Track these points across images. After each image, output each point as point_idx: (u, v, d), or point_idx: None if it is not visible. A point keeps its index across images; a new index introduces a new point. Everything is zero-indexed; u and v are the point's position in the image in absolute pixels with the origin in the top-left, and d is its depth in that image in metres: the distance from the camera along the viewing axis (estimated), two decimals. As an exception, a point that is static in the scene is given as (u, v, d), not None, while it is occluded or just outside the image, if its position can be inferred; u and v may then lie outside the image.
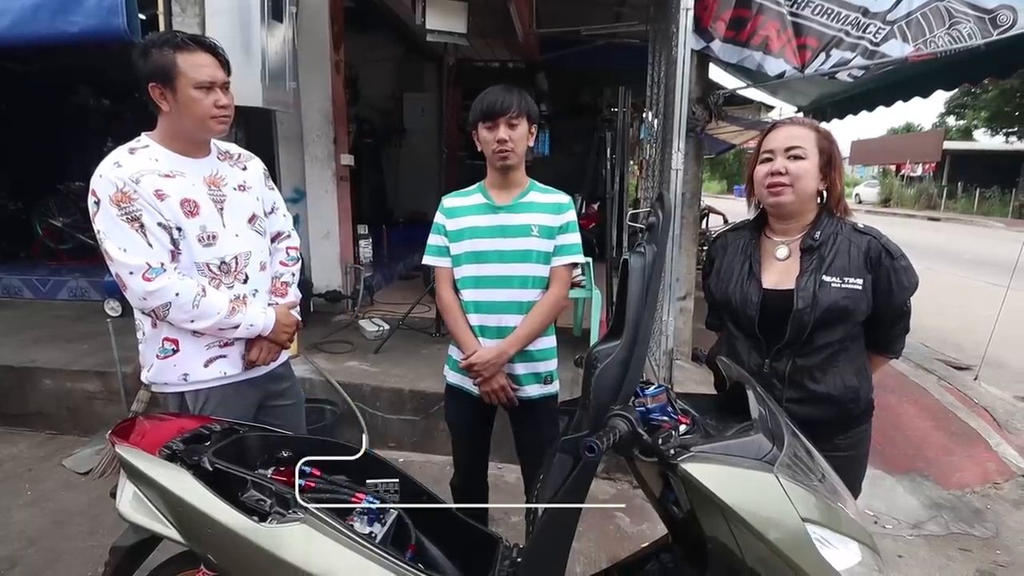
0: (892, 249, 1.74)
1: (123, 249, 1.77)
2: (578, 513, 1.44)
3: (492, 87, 2.09)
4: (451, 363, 2.28)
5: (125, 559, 1.67)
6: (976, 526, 3.17)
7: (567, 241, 2.15)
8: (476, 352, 2.09)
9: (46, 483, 3.29)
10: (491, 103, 2.03)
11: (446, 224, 2.17)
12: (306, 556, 1.40)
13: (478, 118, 2.07)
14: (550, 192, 2.20)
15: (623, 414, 1.24)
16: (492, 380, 2.10)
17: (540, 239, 2.11)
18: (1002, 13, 3.39)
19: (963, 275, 10.19)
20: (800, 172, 1.75)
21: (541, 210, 2.14)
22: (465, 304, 2.17)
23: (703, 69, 4.26)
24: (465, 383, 2.21)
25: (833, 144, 1.80)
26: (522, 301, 2.13)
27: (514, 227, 2.12)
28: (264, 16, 3.36)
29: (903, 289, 1.75)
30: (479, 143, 2.13)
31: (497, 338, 2.13)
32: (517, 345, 2.10)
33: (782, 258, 1.83)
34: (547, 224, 2.12)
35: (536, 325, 2.12)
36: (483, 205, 2.16)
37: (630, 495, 3.30)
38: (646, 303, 1.33)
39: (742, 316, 1.86)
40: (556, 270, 2.15)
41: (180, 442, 1.63)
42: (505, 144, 2.04)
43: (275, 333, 2.06)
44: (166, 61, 1.78)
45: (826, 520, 1.27)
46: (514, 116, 2.03)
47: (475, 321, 2.15)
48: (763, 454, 1.28)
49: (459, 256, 2.15)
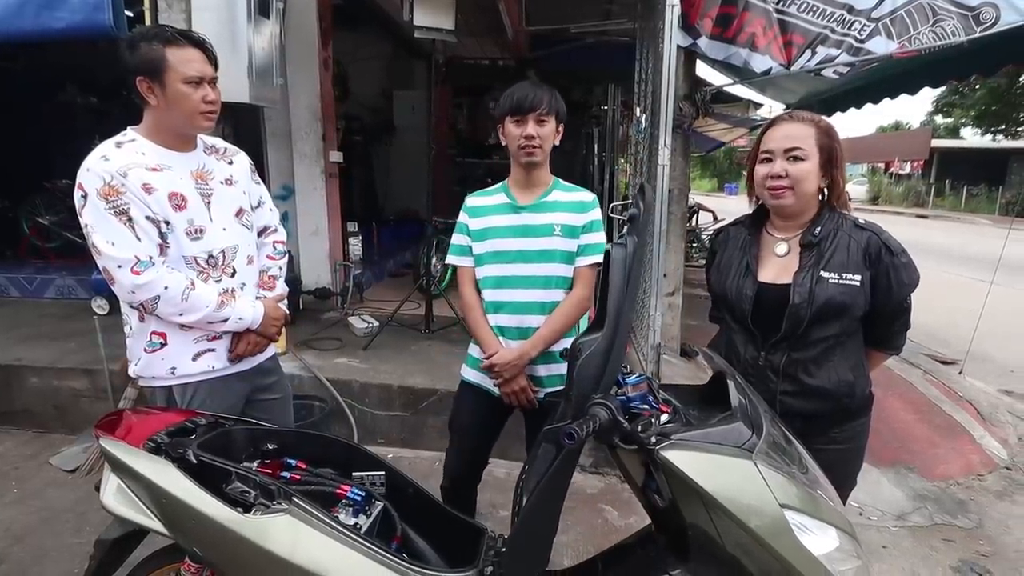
0: (892, 246, 1.72)
1: (111, 243, 1.76)
2: (561, 501, 1.46)
3: (522, 82, 2.08)
4: (471, 361, 2.25)
5: (110, 553, 1.67)
6: (959, 517, 3.21)
7: (591, 240, 2.10)
8: (498, 352, 2.06)
9: (33, 481, 3.28)
10: (521, 98, 2.01)
11: (469, 223, 2.16)
12: (291, 547, 1.41)
13: (506, 112, 2.04)
14: (574, 190, 2.17)
15: (603, 402, 1.25)
16: (513, 381, 2.07)
17: (563, 238, 2.08)
18: (985, 10, 3.42)
19: (950, 271, 10.28)
20: (801, 175, 1.73)
21: (564, 209, 2.10)
22: (487, 304, 2.15)
23: (690, 66, 4.28)
24: (485, 382, 2.17)
25: (834, 140, 1.76)
26: (545, 302, 2.10)
27: (536, 227, 2.09)
28: (251, 12, 3.36)
29: (903, 286, 1.73)
30: (503, 137, 2.11)
31: (519, 338, 2.11)
32: (540, 346, 2.06)
33: (781, 254, 1.83)
34: (570, 223, 2.09)
35: (559, 326, 2.08)
36: (505, 205, 2.14)
37: (618, 489, 3.32)
38: (627, 293, 1.34)
39: (737, 310, 1.87)
40: (580, 270, 2.10)
41: (165, 435, 1.63)
42: (532, 140, 2.02)
43: (263, 326, 2.06)
44: (155, 55, 1.78)
45: (804, 506, 1.29)
46: (543, 113, 2.01)
47: (497, 321, 2.13)
48: (742, 442, 1.30)
49: (481, 256, 2.14)
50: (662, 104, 3.43)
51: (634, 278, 1.35)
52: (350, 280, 5.56)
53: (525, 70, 9.52)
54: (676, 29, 3.39)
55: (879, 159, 32.22)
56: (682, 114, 4.02)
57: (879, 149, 30.39)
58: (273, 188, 5.36)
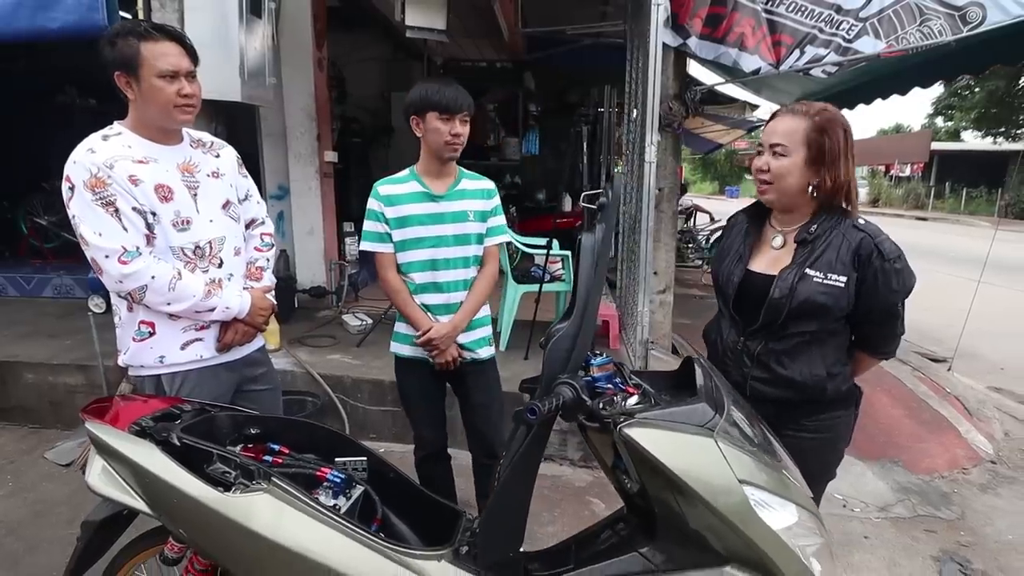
0: (886, 250, 1.68)
1: (98, 233, 1.81)
2: (531, 480, 1.50)
3: (435, 80, 2.26)
4: (403, 339, 2.43)
5: (96, 535, 1.71)
6: (943, 509, 3.25)
7: (497, 223, 2.41)
8: (432, 328, 2.27)
9: (28, 475, 3.32)
10: (451, 98, 2.17)
11: (385, 211, 2.29)
12: (272, 526, 1.45)
13: (432, 107, 2.18)
14: (478, 178, 2.42)
15: (568, 381, 1.30)
16: (447, 352, 2.31)
17: (475, 222, 2.34)
18: (971, 10, 3.46)
19: (946, 272, 10.30)
20: (780, 171, 1.73)
21: (474, 196, 2.35)
22: (415, 286, 2.33)
23: (681, 66, 4.32)
24: (418, 352, 2.37)
25: (828, 135, 1.69)
26: (466, 279, 2.36)
27: (453, 213, 2.31)
28: (242, 12, 3.41)
29: (891, 291, 1.70)
30: (420, 129, 2.25)
31: (445, 314, 2.34)
32: (467, 318, 2.34)
33: (777, 247, 1.84)
34: (481, 209, 2.35)
35: (481, 297, 2.39)
36: (421, 193, 2.30)
37: (605, 483, 3.34)
38: (596, 277, 1.38)
39: (724, 294, 1.91)
40: (489, 248, 2.41)
41: (150, 419, 1.67)
42: (458, 138, 2.22)
43: (251, 316, 2.10)
44: (130, 50, 1.82)
45: (764, 483, 1.33)
46: (467, 114, 2.22)
47: (426, 300, 2.33)
48: (705, 421, 1.34)
49: (404, 242, 2.30)
50: (648, 101, 3.47)
51: (602, 262, 1.39)
52: (345, 279, 5.60)
53: (522, 72, 9.59)
54: (662, 27, 3.44)
55: (879, 161, 32.14)
56: (672, 113, 4.06)
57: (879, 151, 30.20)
58: (269, 188, 5.41)
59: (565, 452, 3.63)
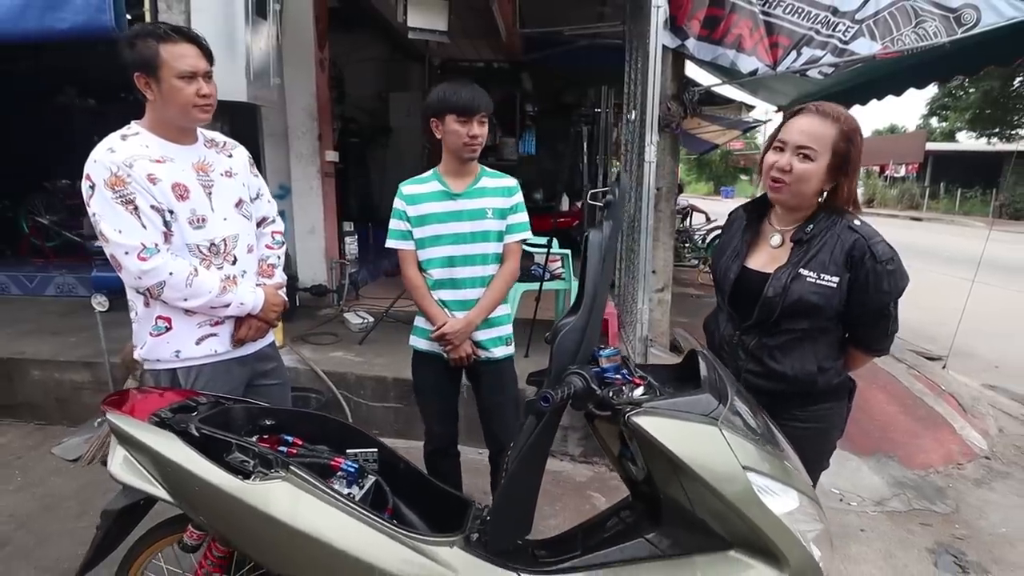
0: (879, 252, 1.70)
1: (118, 230, 1.85)
2: (541, 468, 1.55)
3: (456, 82, 2.28)
4: (420, 332, 2.47)
5: (116, 523, 1.75)
6: (937, 503, 3.31)
7: (517, 220, 2.42)
8: (447, 323, 2.32)
9: (36, 470, 3.36)
10: (468, 99, 2.21)
11: (407, 210, 2.35)
12: (291, 513, 1.51)
13: (450, 110, 2.22)
14: (499, 176, 2.44)
15: (579, 371, 1.35)
16: (461, 347, 2.34)
17: (495, 220, 2.36)
18: (966, 12, 3.52)
19: (941, 272, 10.39)
20: (803, 175, 1.72)
21: (493, 194, 2.38)
22: (433, 282, 2.38)
23: (679, 67, 4.37)
24: (434, 347, 2.41)
25: (853, 144, 1.71)
26: (483, 276, 2.38)
27: (471, 211, 2.34)
28: (248, 13, 3.45)
29: (882, 293, 1.72)
30: (439, 131, 2.29)
31: (461, 310, 2.36)
32: (482, 315, 2.36)
33: (775, 245, 1.87)
34: (499, 206, 2.37)
35: (497, 295, 2.40)
36: (440, 192, 2.35)
37: (606, 478, 3.41)
38: (603, 272, 1.44)
39: (720, 289, 1.96)
40: (509, 246, 2.42)
41: (168, 411, 1.72)
42: (476, 139, 2.26)
43: (264, 311, 2.16)
44: (150, 52, 1.87)
45: (767, 469, 1.39)
46: (485, 115, 2.26)
47: (441, 296, 2.37)
48: (709, 410, 1.39)
49: (423, 239, 2.35)
50: (648, 102, 3.53)
51: (609, 258, 1.45)
52: (346, 278, 5.65)
53: (519, 72, 9.64)
54: (662, 29, 3.49)
55: (875, 162, 32.28)
56: (670, 113, 4.12)
57: (875, 152, 30.37)
58: (270, 187, 5.38)
59: (566, 448, 3.68)
